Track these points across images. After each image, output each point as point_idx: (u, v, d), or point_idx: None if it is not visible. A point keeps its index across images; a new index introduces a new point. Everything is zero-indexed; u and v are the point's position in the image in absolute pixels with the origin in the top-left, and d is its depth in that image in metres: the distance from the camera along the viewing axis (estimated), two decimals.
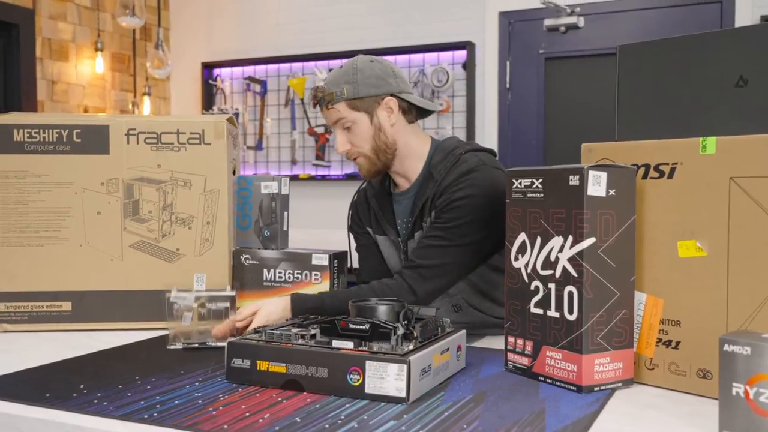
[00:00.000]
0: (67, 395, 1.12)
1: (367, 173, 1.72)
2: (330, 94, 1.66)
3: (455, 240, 1.57)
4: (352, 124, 1.67)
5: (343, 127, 1.68)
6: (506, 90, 4.19)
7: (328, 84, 1.68)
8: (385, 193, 1.81)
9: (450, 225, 1.59)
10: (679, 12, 3.82)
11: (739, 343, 0.90)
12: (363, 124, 1.67)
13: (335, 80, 1.67)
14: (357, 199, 1.90)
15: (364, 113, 1.67)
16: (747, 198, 1.09)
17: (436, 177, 1.66)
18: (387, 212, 1.78)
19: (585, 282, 1.14)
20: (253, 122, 4.84)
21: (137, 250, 1.69)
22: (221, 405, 1.07)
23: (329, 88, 1.67)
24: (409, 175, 1.74)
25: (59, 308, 1.67)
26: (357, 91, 1.65)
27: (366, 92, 1.65)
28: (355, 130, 1.67)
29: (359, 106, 1.66)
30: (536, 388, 1.18)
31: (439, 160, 1.69)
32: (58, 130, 1.67)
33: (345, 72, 1.67)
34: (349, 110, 1.66)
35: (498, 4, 4.17)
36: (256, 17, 4.87)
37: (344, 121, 1.67)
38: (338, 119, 1.67)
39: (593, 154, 1.28)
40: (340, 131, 1.69)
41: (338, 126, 1.68)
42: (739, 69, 1.17)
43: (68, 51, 4.43)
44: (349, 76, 1.66)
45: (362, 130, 1.67)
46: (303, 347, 1.16)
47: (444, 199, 1.61)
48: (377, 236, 1.82)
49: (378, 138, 1.68)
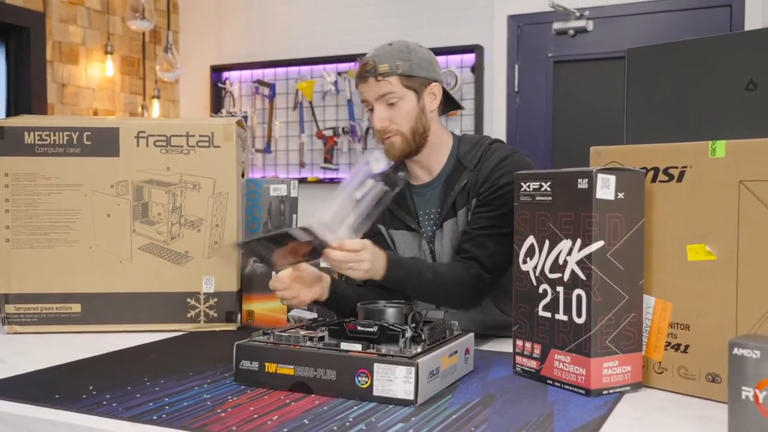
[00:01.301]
0: (77, 396, 1.13)
1: (399, 153, 1.71)
2: (383, 66, 1.66)
3: (506, 227, 1.57)
4: (399, 101, 1.67)
5: (388, 102, 1.68)
6: (515, 93, 4.19)
7: (378, 57, 1.67)
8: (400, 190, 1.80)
9: (499, 212, 1.62)
10: (689, 15, 3.81)
11: (749, 347, 0.90)
12: (409, 102, 1.69)
13: (387, 55, 1.68)
14: None
15: (413, 92, 1.69)
16: (756, 201, 1.08)
17: (467, 166, 1.71)
18: (405, 206, 1.78)
19: (593, 285, 1.14)
20: (262, 125, 4.85)
21: (146, 253, 1.70)
22: (230, 407, 1.08)
23: (381, 61, 1.67)
24: (433, 166, 1.76)
25: (69, 310, 1.68)
26: (411, 69, 1.67)
27: (418, 73, 1.68)
28: (400, 107, 1.68)
29: (410, 84, 1.68)
30: (544, 392, 1.18)
31: (467, 150, 1.74)
32: (69, 133, 1.68)
33: (398, 49, 1.69)
34: (400, 85, 1.67)
35: (507, 8, 4.17)
36: (264, 21, 4.88)
37: (392, 95, 1.67)
38: (386, 93, 1.67)
39: (602, 158, 1.27)
40: (383, 106, 1.68)
41: (381, 101, 1.68)
42: (748, 72, 1.17)
43: (78, 54, 4.46)
44: (403, 54, 1.68)
45: (407, 108, 1.68)
46: (311, 349, 1.16)
47: (488, 186, 1.64)
48: (392, 231, 1.80)
49: (419, 120, 1.70)
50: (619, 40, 3.90)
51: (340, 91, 4.58)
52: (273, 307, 1.73)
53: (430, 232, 1.75)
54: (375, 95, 1.68)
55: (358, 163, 1.54)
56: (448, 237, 1.72)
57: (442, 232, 1.73)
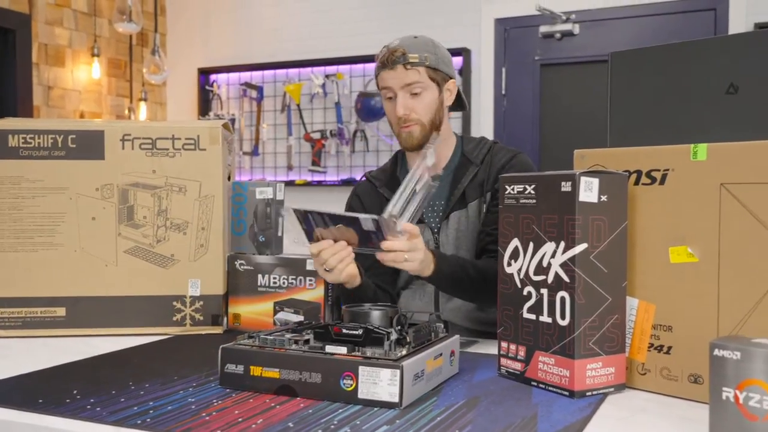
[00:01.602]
0: (61, 401, 1.12)
1: (416, 143, 1.76)
2: (413, 55, 1.71)
3: None
4: (423, 91, 1.73)
5: (412, 92, 1.73)
6: (502, 96, 4.20)
7: (407, 47, 1.72)
8: (397, 181, 1.83)
9: None
10: (674, 19, 3.84)
11: (729, 348, 0.91)
12: (432, 94, 1.75)
13: (416, 45, 1.73)
14: (361, 191, 1.92)
15: (436, 85, 1.75)
16: (737, 204, 1.10)
17: (473, 161, 1.79)
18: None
19: (577, 287, 1.14)
20: (250, 128, 4.84)
21: (132, 256, 1.69)
22: (214, 410, 1.08)
23: (411, 50, 1.72)
24: (440, 160, 1.82)
25: (53, 314, 1.67)
26: (437, 62, 1.74)
27: (442, 67, 1.76)
28: (424, 97, 1.74)
29: (435, 77, 1.75)
30: (529, 393, 1.18)
31: (473, 147, 1.83)
32: (53, 136, 1.67)
33: (424, 43, 1.75)
34: (426, 77, 1.73)
35: (493, 11, 4.19)
36: (252, 23, 4.88)
37: (417, 85, 1.72)
38: (413, 82, 1.72)
39: (586, 161, 1.28)
40: (407, 95, 1.73)
41: (406, 89, 1.73)
42: (729, 76, 1.18)
43: (65, 56, 4.44)
44: (430, 48, 1.75)
45: (430, 100, 1.74)
46: (296, 352, 1.16)
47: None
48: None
49: (438, 112, 1.77)
50: (605, 44, 3.92)
51: (328, 93, 4.58)
52: (259, 309, 1.72)
53: (435, 222, 1.80)
54: (401, 83, 1.73)
55: (415, 160, 1.59)
56: (453, 228, 1.78)
57: (448, 223, 1.79)
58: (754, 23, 3.59)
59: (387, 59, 1.73)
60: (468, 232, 1.77)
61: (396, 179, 1.85)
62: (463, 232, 1.78)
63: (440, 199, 1.81)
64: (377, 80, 1.80)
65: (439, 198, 1.81)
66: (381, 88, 1.78)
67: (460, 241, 1.78)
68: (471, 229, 1.77)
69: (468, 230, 1.77)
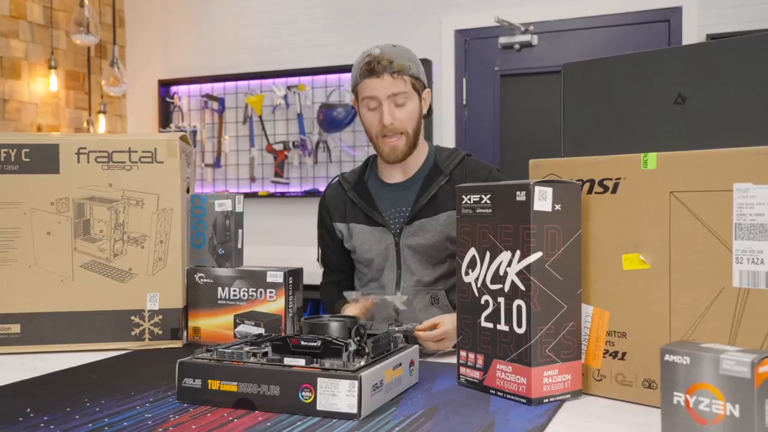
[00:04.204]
0: (13, 419, 1.10)
1: (401, 154, 1.78)
2: (400, 64, 1.70)
3: None
4: (407, 101, 1.74)
5: (396, 102, 1.73)
6: (463, 106, 4.24)
7: (392, 55, 1.71)
8: (364, 186, 1.88)
9: None
10: (629, 30, 3.92)
11: (679, 353, 0.93)
12: (414, 103, 1.77)
13: (401, 55, 1.73)
14: (329, 194, 1.97)
15: (417, 95, 1.77)
16: (687, 211, 1.12)
17: (443, 170, 1.80)
18: (371, 202, 1.85)
19: (533, 296, 1.16)
20: (212, 140, 4.81)
21: (88, 270, 1.67)
22: (171, 426, 1.07)
23: (396, 59, 1.71)
24: (409, 167, 1.85)
25: (8, 331, 1.64)
26: (418, 71, 1.75)
27: (422, 77, 1.77)
28: (408, 107, 1.74)
29: (417, 87, 1.76)
30: (487, 402, 1.19)
31: (445, 157, 1.84)
32: (6, 150, 1.64)
33: (405, 51, 1.75)
34: (410, 86, 1.74)
35: (454, 23, 4.23)
36: (213, 34, 4.85)
37: (403, 95, 1.73)
38: (400, 91, 1.72)
39: (540, 170, 1.30)
40: (392, 105, 1.73)
41: (391, 99, 1.73)
42: (677, 87, 1.21)
43: (21, 69, 4.36)
44: (411, 56, 1.75)
45: (412, 109, 1.76)
46: (254, 365, 1.16)
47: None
48: (352, 225, 1.88)
49: (418, 122, 1.79)
50: (563, 54, 3.98)
51: (290, 105, 4.57)
52: (220, 323, 1.71)
53: (398, 227, 1.82)
54: (388, 92, 1.72)
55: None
56: (417, 234, 1.80)
57: (411, 228, 1.80)
58: (706, 34, 3.67)
59: (374, 67, 1.70)
60: (434, 240, 1.79)
61: (363, 184, 1.88)
62: (428, 239, 1.79)
63: (405, 205, 1.83)
64: (357, 89, 1.78)
65: (405, 204, 1.83)
66: (363, 98, 1.75)
67: (425, 248, 1.80)
68: (438, 237, 1.79)
69: (434, 238, 1.79)
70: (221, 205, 1.77)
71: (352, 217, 1.88)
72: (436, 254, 1.80)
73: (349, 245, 1.91)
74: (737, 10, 3.68)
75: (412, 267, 1.82)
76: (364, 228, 1.86)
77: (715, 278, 1.09)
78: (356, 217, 1.88)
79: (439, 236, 1.78)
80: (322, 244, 2.00)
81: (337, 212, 1.92)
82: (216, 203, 1.77)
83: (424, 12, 4.29)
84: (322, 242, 2.00)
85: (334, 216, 1.93)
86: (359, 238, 1.87)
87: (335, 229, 1.93)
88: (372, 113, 1.76)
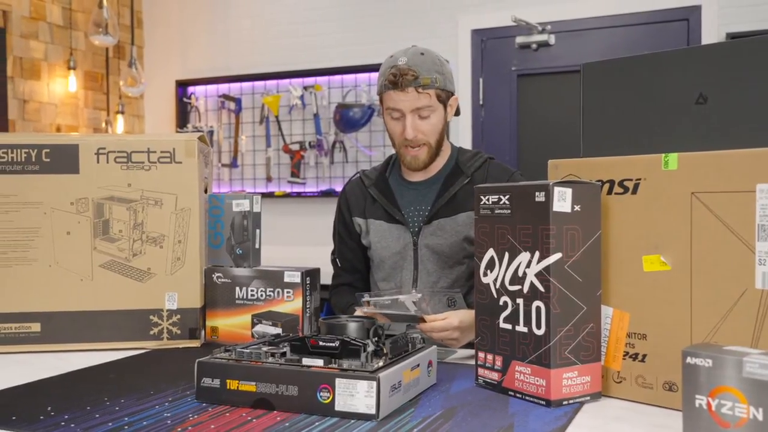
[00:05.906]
0: (34, 418, 1.11)
1: (422, 164, 1.79)
2: (426, 78, 1.68)
3: None
4: (431, 114, 1.72)
5: (420, 115, 1.71)
6: (480, 107, 4.23)
7: (417, 68, 1.69)
8: (385, 182, 1.88)
9: None
10: (647, 30, 3.89)
11: (701, 356, 0.92)
12: (439, 115, 1.75)
13: (426, 66, 1.70)
14: (349, 189, 1.97)
15: (442, 105, 1.75)
16: (708, 212, 1.11)
17: (465, 171, 1.79)
18: (392, 199, 1.85)
19: (552, 297, 1.15)
20: (228, 140, 4.83)
21: (108, 270, 1.68)
22: (190, 425, 1.07)
23: (422, 72, 1.68)
24: (431, 167, 1.84)
25: (28, 329, 1.65)
26: (445, 83, 1.73)
27: (450, 87, 1.75)
28: (432, 119, 1.73)
29: (443, 98, 1.74)
30: (506, 403, 1.18)
31: (467, 158, 1.84)
32: (27, 150, 1.66)
33: (433, 61, 1.72)
34: (435, 99, 1.72)
35: (470, 22, 4.22)
36: (229, 35, 4.87)
37: (427, 108, 1.71)
38: (424, 105, 1.70)
39: (559, 171, 1.29)
40: (415, 118, 1.72)
41: (415, 112, 1.71)
42: (698, 87, 1.20)
43: (40, 69, 4.40)
44: (438, 67, 1.72)
45: (437, 120, 1.74)
46: (273, 365, 1.16)
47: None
48: (371, 220, 1.88)
49: (442, 132, 1.78)
50: (581, 54, 3.96)
51: (307, 105, 4.58)
52: (237, 322, 1.72)
53: (417, 226, 1.82)
54: (412, 106, 1.71)
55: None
56: (435, 233, 1.80)
57: (430, 227, 1.79)
58: (725, 33, 3.64)
59: (398, 81, 1.68)
60: (451, 240, 1.78)
61: (385, 181, 1.88)
62: (446, 239, 1.79)
63: (425, 204, 1.83)
64: (382, 96, 1.77)
65: (425, 203, 1.83)
66: (387, 107, 1.75)
67: (442, 248, 1.80)
68: (456, 237, 1.79)
69: (452, 238, 1.79)
70: (239, 205, 1.77)
71: (372, 213, 1.89)
72: (453, 255, 1.79)
73: (366, 241, 1.91)
74: (757, 9, 3.64)
75: (429, 268, 1.81)
76: (382, 224, 1.86)
77: (738, 280, 1.08)
78: (375, 213, 1.88)
79: (456, 236, 1.78)
80: (338, 241, 2.00)
81: (357, 207, 1.93)
82: (234, 203, 1.78)
83: (441, 12, 4.28)
84: (338, 238, 2.00)
85: (353, 210, 1.93)
86: (377, 234, 1.88)
87: (354, 223, 1.93)
88: (396, 122, 1.76)
